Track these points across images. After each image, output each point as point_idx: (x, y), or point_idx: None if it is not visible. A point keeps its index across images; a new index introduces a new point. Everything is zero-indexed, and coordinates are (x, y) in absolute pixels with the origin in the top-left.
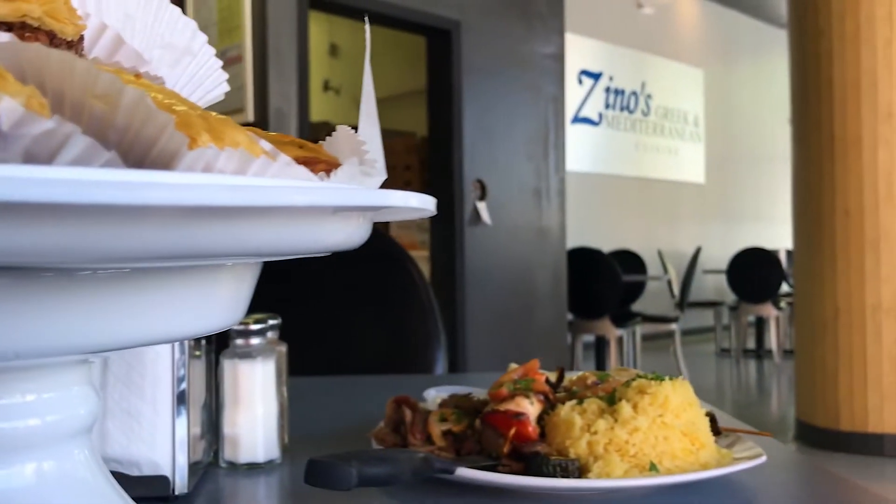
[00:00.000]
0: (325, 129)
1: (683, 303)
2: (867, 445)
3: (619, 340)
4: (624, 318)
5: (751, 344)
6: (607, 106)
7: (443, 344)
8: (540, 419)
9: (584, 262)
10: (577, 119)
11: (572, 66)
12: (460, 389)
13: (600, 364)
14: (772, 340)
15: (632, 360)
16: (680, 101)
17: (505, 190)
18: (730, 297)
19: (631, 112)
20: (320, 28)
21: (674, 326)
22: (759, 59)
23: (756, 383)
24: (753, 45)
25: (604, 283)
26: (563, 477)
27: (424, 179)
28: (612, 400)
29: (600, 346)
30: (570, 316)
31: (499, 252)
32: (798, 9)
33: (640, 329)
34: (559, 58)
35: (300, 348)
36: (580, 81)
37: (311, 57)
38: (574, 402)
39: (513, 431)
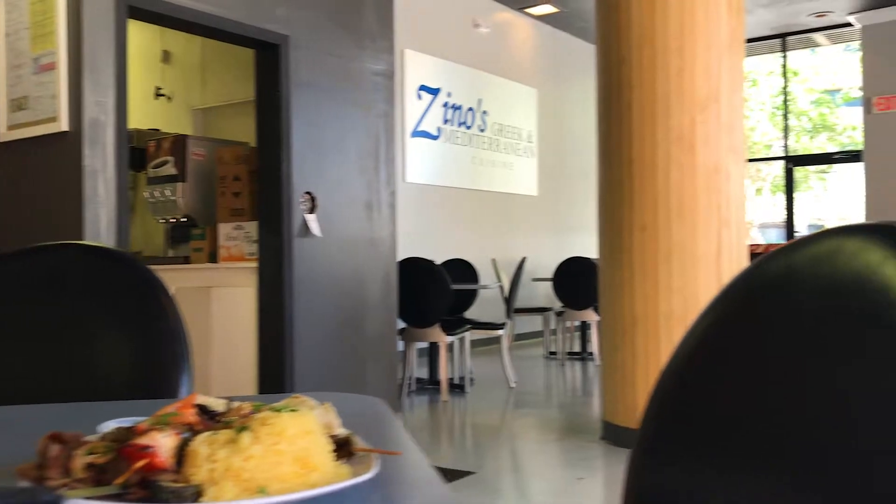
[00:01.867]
0: (154, 136)
1: (510, 310)
2: None
3: (451, 347)
4: (455, 325)
5: (577, 347)
6: (446, 121)
7: (189, 367)
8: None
9: (416, 272)
10: (417, 132)
11: (412, 82)
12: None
13: (433, 370)
14: (593, 344)
15: (459, 365)
16: (515, 118)
17: (336, 202)
18: (558, 303)
19: (468, 127)
20: (153, 35)
21: (501, 332)
22: (588, 79)
23: (580, 385)
24: (584, 66)
25: (434, 292)
26: (176, 502)
27: (254, 190)
28: (241, 430)
29: (433, 353)
30: (403, 324)
31: (329, 263)
32: (604, 38)
33: (469, 336)
34: (390, 75)
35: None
36: (419, 96)
37: (144, 64)
38: (211, 433)
39: (141, 463)
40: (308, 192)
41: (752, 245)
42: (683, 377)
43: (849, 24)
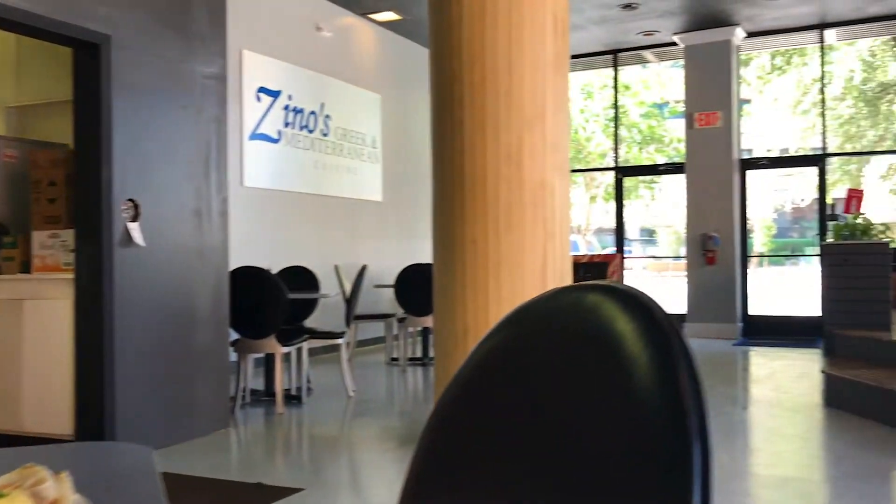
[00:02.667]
0: None
1: (349, 318)
2: None
3: (288, 357)
4: (292, 334)
5: (419, 353)
6: (287, 124)
7: None
8: None
9: (249, 282)
10: (256, 135)
11: (251, 83)
12: None
13: (269, 381)
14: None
15: (297, 375)
16: (359, 123)
17: (162, 210)
18: (400, 309)
19: (311, 131)
20: None
21: (340, 341)
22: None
23: (421, 391)
24: (426, 73)
25: (268, 302)
26: None
27: (71, 196)
28: None
29: (269, 364)
30: (237, 336)
31: (154, 274)
32: (437, 55)
33: (307, 345)
34: (222, 78)
35: None
36: (259, 98)
37: None
38: None
39: None
40: (131, 200)
41: (575, 255)
42: (442, 417)
43: (674, 44)
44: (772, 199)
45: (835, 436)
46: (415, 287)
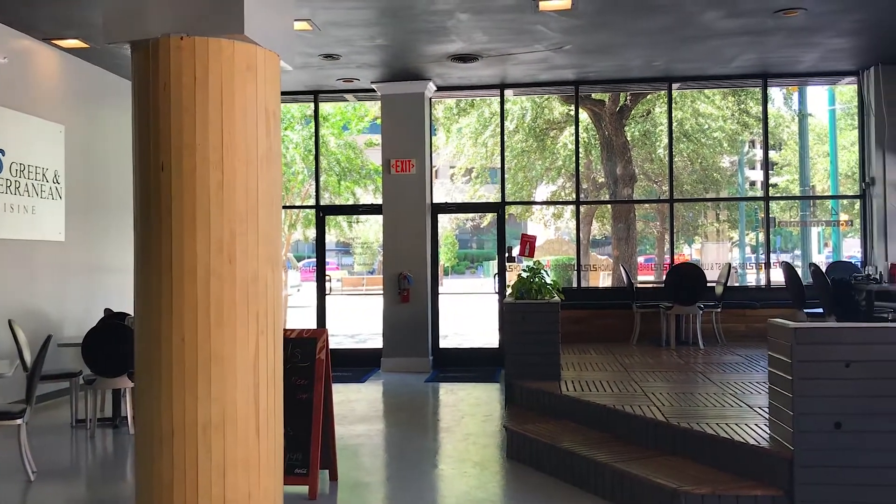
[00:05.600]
0: None
1: (31, 395)
2: None
3: None
4: None
5: (108, 412)
6: None
7: None
8: None
9: None
10: None
11: None
12: None
13: None
14: (128, 409)
15: None
16: (39, 158)
17: None
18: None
19: None
20: None
21: (19, 422)
22: (123, 114)
23: (111, 456)
24: (117, 98)
25: None
26: None
27: None
28: None
29: None
30: None
31: None
32: (142, 140)
33: None
34: None
35: None
36: None
37: None
38: None
39: None
40: None
41: (287, 330)
42: None
43: (373, 90)
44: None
45: (521, 498)
46: (105, 345)
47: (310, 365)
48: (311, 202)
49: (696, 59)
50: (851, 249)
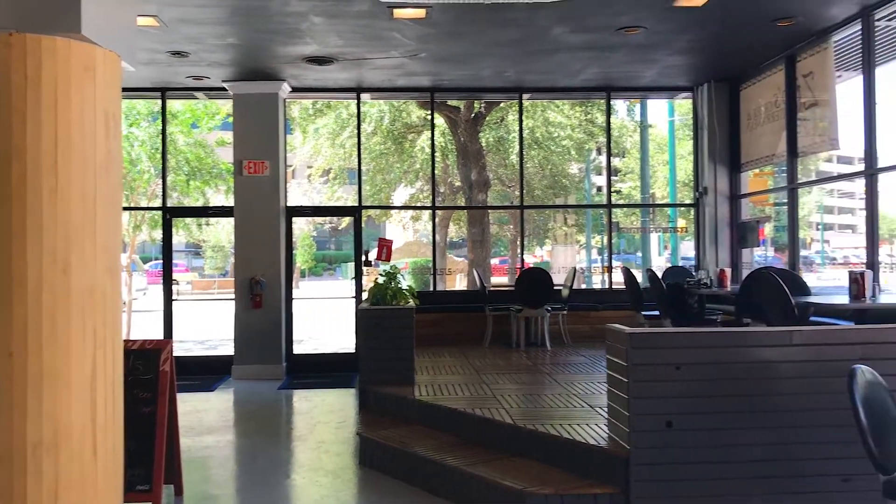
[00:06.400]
0: None
1: None
2: None
3: None
4: None
5: None
6: None
7: None
8: None
9: None
10: None
11: None
12: None
13: None
14: None
15: None
16: None
17: None
18: None
19: None
20: None
21: None
22: None
23: None
24: None
25: None
26: None
27: None
28: None
29: None
30: None
31: None
32: None
33: None
34: None
35: None
36: None
37: None
38: None
39: None
40: None
41: (125, 341)
42: None
43: (225, 89)
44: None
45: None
46: None
47: (153, 377)
48: (158, 202)
49: (546, 72)
50: (689, 252)
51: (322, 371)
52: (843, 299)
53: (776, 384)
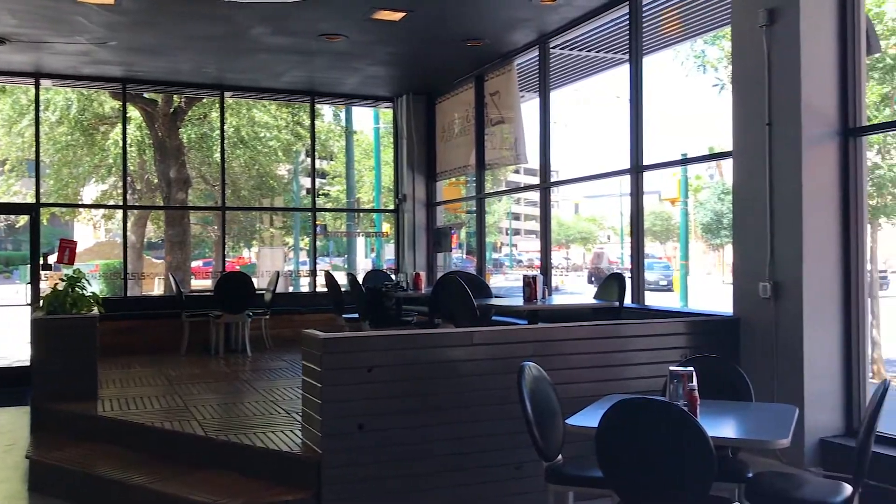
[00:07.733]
0: None
1: None
2: None
3: None
4: None
5: None
6: None
7: None
8: None
9: None
10: None
11: None
12: None
13: None
14: None
15: None
16: None
17: None
18: None
19: None
20: None
21: None
22: None
23: None
24: None
25: None
26: None
27: None
28: None
29: None
30: None
31: None
32: None
33: None
34: None
35: None
36: None
37: None
38: None
39: None
40: None
41: None
42: None
43: None
44: None
45: None
46: None
47: None
48: None
49: (248, 71)
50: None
51: None
52: (520, 301)
53: (460, 382)
